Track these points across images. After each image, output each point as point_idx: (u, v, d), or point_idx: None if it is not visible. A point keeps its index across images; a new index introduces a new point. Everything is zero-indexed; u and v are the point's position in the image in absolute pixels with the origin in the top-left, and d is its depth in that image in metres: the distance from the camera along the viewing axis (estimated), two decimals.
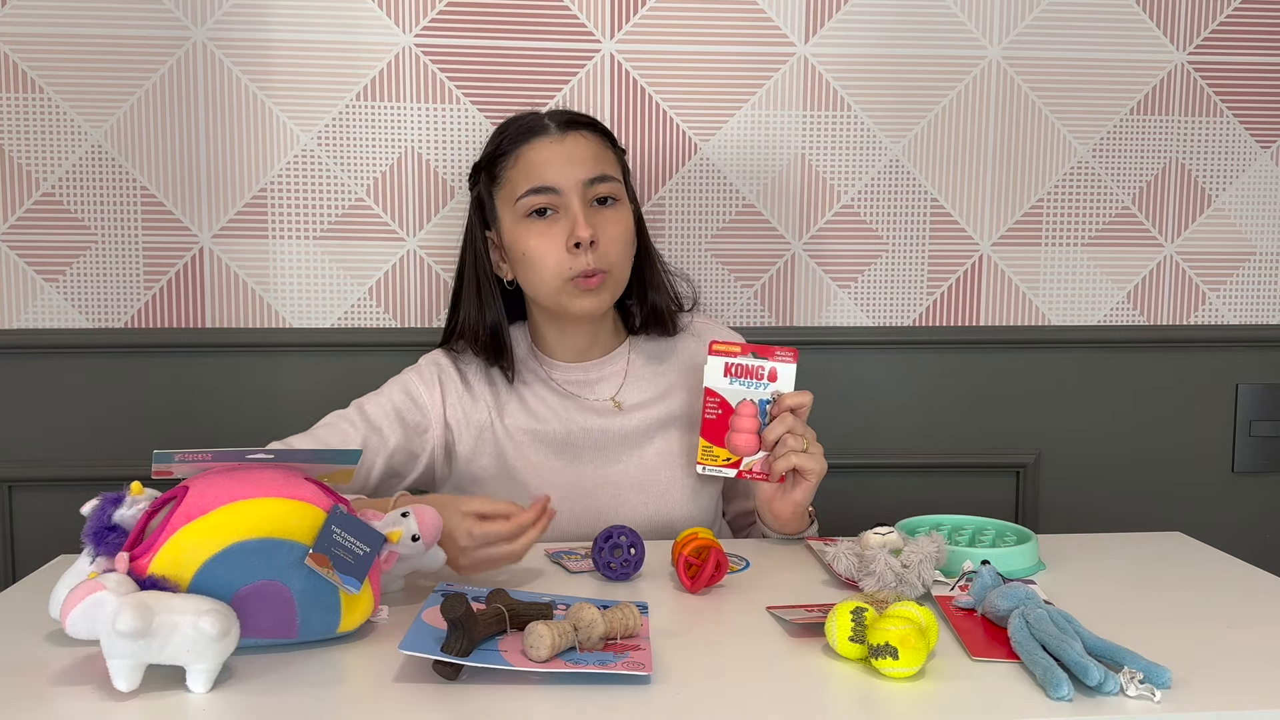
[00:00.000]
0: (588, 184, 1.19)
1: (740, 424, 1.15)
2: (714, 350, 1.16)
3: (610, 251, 1.20)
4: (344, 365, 1.56)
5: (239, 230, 1.53)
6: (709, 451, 1.16)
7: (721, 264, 1.61)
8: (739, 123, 1.58)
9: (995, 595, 0.90)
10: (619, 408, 1.26)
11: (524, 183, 1.20)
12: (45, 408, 1.54)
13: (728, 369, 1.16)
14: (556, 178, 1.18)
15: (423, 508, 0.96)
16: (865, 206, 1.61)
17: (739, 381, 1.16)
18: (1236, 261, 1.68)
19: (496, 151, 1.24)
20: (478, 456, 1.25)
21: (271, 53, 1.50)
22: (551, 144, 1.20)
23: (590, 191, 1.19)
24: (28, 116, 1.49)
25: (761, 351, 1.16)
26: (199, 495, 0.83)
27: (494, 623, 0.82)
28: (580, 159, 1.19)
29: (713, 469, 1.16)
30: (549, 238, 1.19)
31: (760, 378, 1.15)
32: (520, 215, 1.20)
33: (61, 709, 0.75)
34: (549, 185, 1.18)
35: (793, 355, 1.15)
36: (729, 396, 1.16)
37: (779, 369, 1.15)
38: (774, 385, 1.15)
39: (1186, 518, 1.67)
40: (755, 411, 1.15)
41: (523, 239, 1.20)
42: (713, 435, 1.16)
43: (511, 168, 1.21)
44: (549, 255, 1.19)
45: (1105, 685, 0.75)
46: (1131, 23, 1.61)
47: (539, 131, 1.21)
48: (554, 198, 1.19)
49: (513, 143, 1.22)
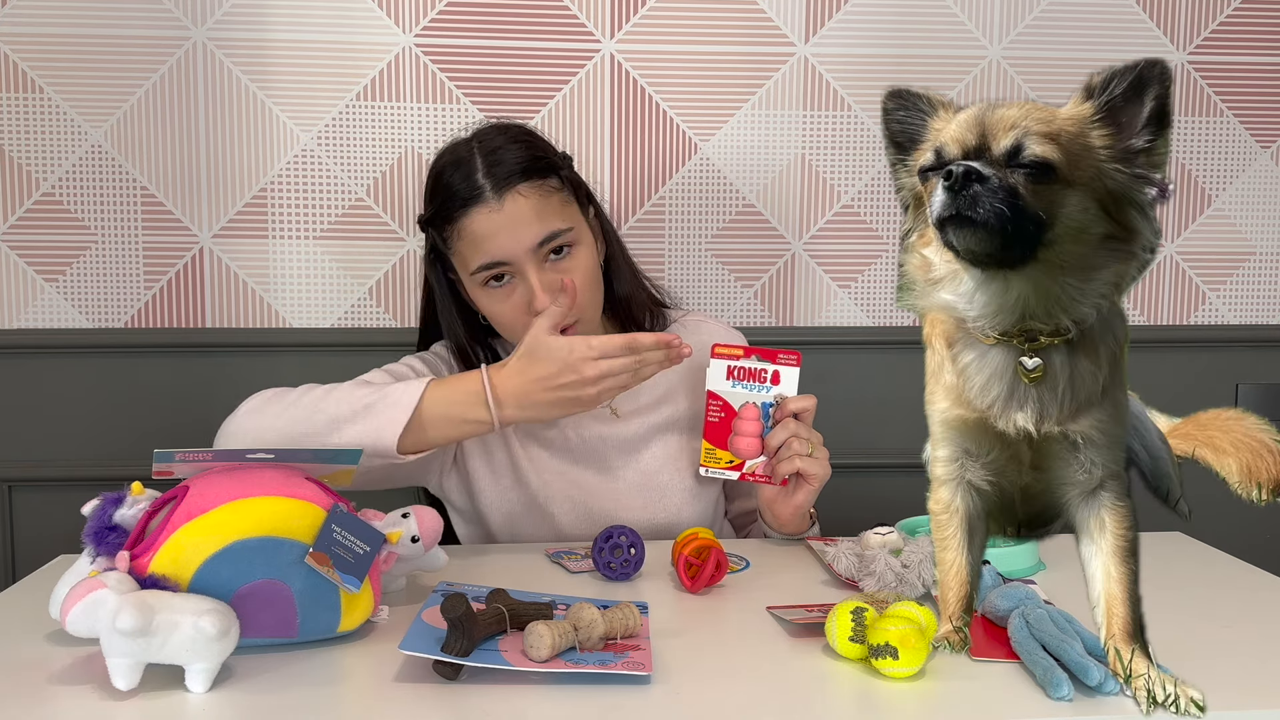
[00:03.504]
0: (536, 249, 1.14)
1: (743, 427, 1.15)
2: (716, 353, 1.16)
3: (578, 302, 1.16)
4: (344, 365, 1.55)
5: (239, 230, 1.53)
6: (711, 454, 1.16)
7: (721, 264, 1.61)
8: (739, 123, 1.58)
9: (995, 595, 0.90)
10: (615, 414, 1.26)
11: (474, 257, 1.15)
12: (45, 408, 1.54)
13: (730, 372, 1.15)
14: (504, 251, 1.13)
15: (423, 508, 0.96)
16: (865, 206, 1.61)
17: (741, 384, 1.15)
18: (1236, 261, 1.68)
19: (440, 213, 1.17)
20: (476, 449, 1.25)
21: (271, 53, 1.50)
22: (490, 214, 1.13)
23: (541, 252, 1.14)
24: (28, 116, 1.49)
25: (765, 355, 1.16)
26: (199, 494, 0.83)
27: (494, 623, 0.82)
28: (524, 222, 1.13)
29: (715, 471, 1.16)
30: (511, 304, 1.16)
31: (763, 381, 1.15)
32: (478, 284, 1.17)
33: (61, 708, 0.75)
34: (498, 260, 1.14)
35: (796, 359, 1.15)
36: (731, 399, 1.16)
37: (782, 372, 1.15)
38: (777, 388, 1.15)
39: None
40: (758, 415, 1.15)
41: (485, 304, 1.19)
42: (715, 438, 1.16)
43: (457, 240, 1.16)
44: (515, 320, 1.17)
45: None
46: (1131, 23, 1.61)
47: (475, 200, 1.14)
48: (506, 268, 1.15)
49: (451, 211, 1.15)
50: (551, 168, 1.18)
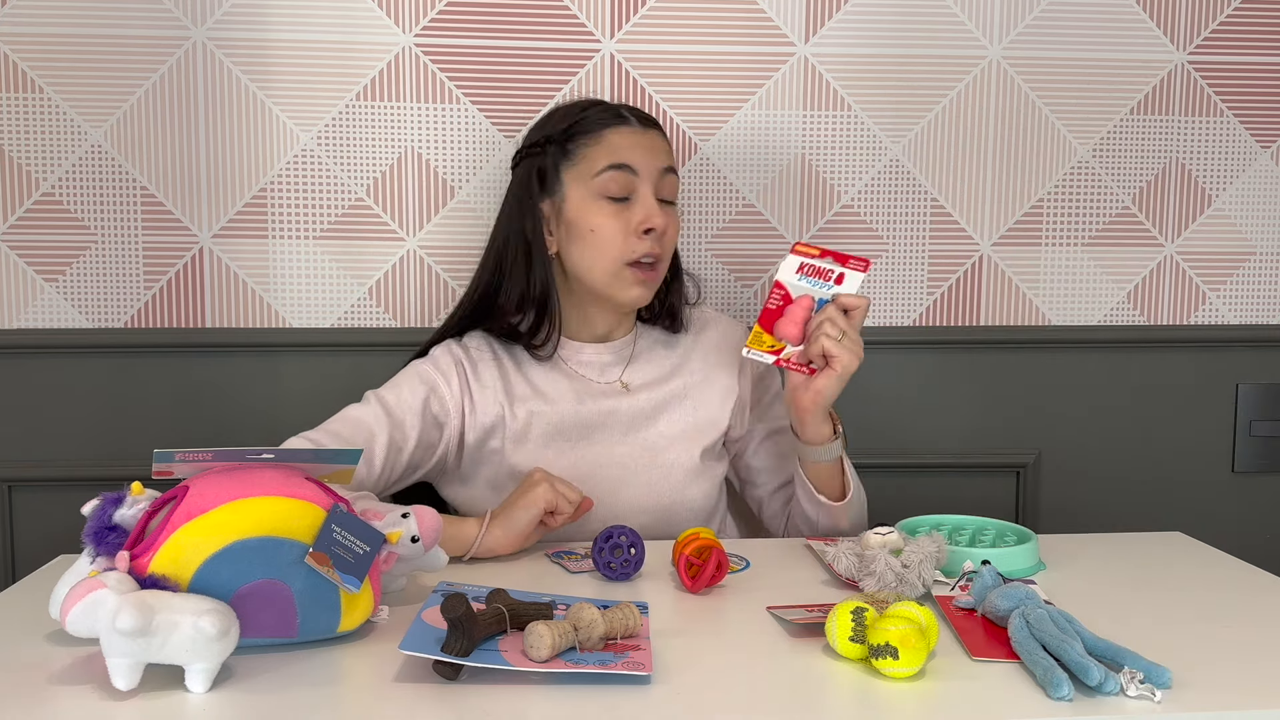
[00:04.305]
0: (662, 174, 1.24)
1: (793, 313, 1.17)
2: (796, 250, 1.19)
3: (666, 246, 1.25)
4: (344, 365, 1.56)
5: (239, 230, 1.53)
6: (759, 337, 1.17)
7: (721, 264, 1.61)
8: (739, 122, 1.58)
9: (995, 595, 0.90)
10: (626, 389, 1.28)
11: (605, 159, 1.22)
12: (45, 408, 1.54)
13: (801, 267, 1.19)
14: (639, 160, 1.22)
15: (423, 509, 0.96)
16: (865, 206, 1.61)
17: (808, 280, 1.18)
18: (1236, 261, 1.68)
19: (575, 128, 1.25)
20: (487, 441, 1.25)
21: (271, 53, 1.50)
22: (634, 134, 1.24)
23: (662, 183, 1.24)
24: (28, 116, 1.49)
25: (838, 258, 1.18)
26: (199, 494, 0.83)
27: (494, 623, 0.82)
28: (659, 150, 1.25)
29: (755, 353, 1.17)
30: (620, 219, 1.22)
31: (828, 279, 1.18)
32: (593, 192, 1.23)
33: (61, 709, 0.75)
34: (629, 164, 1.22)
35: (865, 265, 1.18)
36: (794, 291, 1.18)
37: (847, 275, 1.17)
38: (839, 288, 1.17)
39: (1186, 518, 1.67)
40: (811, 305, 1.17)
41: (593, 215, 1.23)
42: (767, 323, 1.18)
43: (592, 145, 1.24)
44: (616, 236, 1.22)
45: (1105, 685, 0.75)
46: (1131, 23, 1.61)
47: (623, 120, 1.25)
48: (631, 179, 1.22)
49: (595, 124, 1.24)
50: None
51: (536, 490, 1.12)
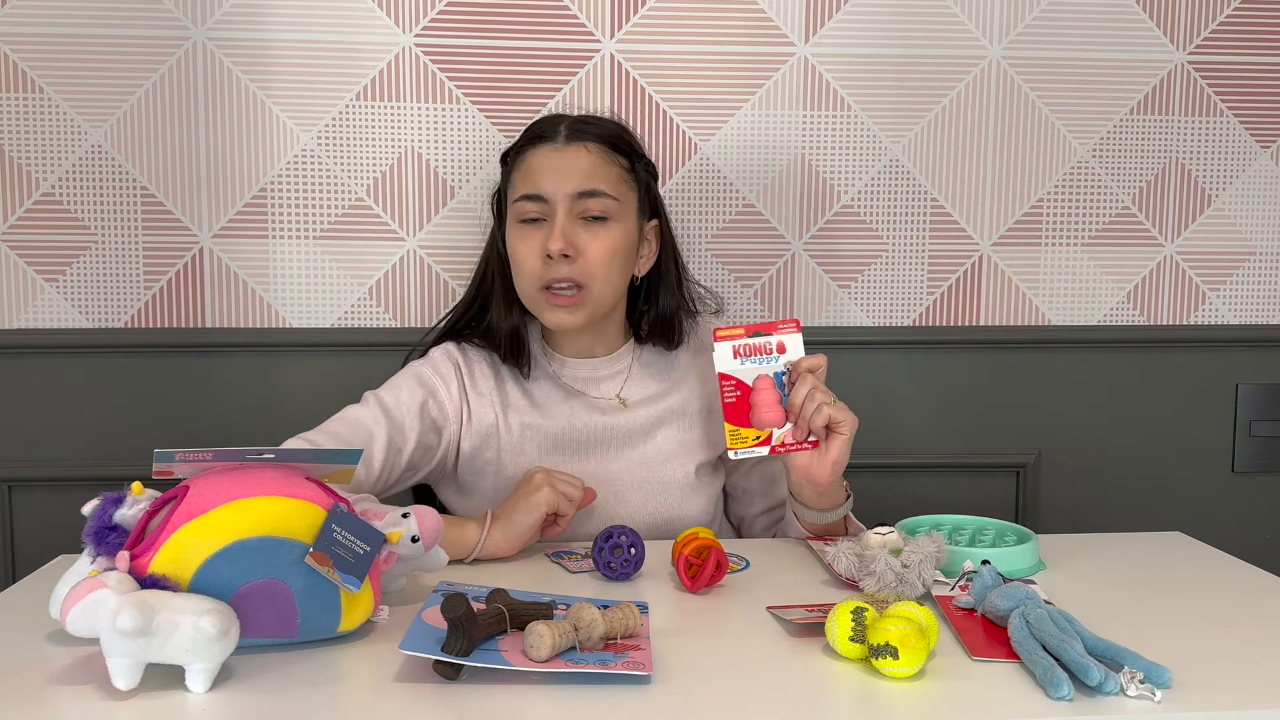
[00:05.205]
0: (575, 198, 1.18)
1: (761, 398, 1.15)
2: (719, 336, 1.16)
3: (591, 268, 1.19)
4: (344, 365, 1.56)
5: (239, 230, 1.53)
6: (737, 435, 1.15)
7: (721, 264, 1.61)
8: (739, 123, 1.58)
9: (995, 595, 0.90)
10: (623, 404, 1.27)
11: (520, 187, 1.22)
12: (45, 408, 1.54)
13: (736, 351, 1.16)
14: (547, 186, 1.19)
15: (423, 508, 0.96)
16: (865, 206, 1.62)
17: (750, 361, 1.16)
18: (1236, 261, 1.68)
19: (511, 151, 1.26)
20: (482, 452, 1.25)
21: (271, 53, 1.51)
22: (552, 152, 1.20)
23: (578, 206, 1.19)
24: (28, 116, 1.49)
25: (765, 328, 1.16)
26: (199, 494, 0.83)
27: (494, 623, 0.82)
28: (575, 171, 1.19)
29: (745, 451, 1.15)
30: (531, 244, 1.20)
31: (769, 352, 1.16)
32: (515, 218, 1.22)
33: (61, 709, 0.75)
34: (538, 193, 1.19)
35: (796, 325, 1.16)
36: (743, 376, 1.16)
37: (786, 340, 1.16)
38: (784, 356, 1.16)
39: (1186, 518, 1.67)
40: (773, 383, 1.15)
41: (514, 240, 1.22)
42: (736, 418, 1.15)
43: (517, 170, 1.23)
44: (527, 261, 1.20)
45: (1105, 685, 0.75)
46: (1131, 23, 1.61)
47: (546, 137, 1.22)
48: (542, 206, 1.19)
49: (524, 146, 1.24)
50: (629, 152, 1.25)
51: (539, 494, 1.11)
